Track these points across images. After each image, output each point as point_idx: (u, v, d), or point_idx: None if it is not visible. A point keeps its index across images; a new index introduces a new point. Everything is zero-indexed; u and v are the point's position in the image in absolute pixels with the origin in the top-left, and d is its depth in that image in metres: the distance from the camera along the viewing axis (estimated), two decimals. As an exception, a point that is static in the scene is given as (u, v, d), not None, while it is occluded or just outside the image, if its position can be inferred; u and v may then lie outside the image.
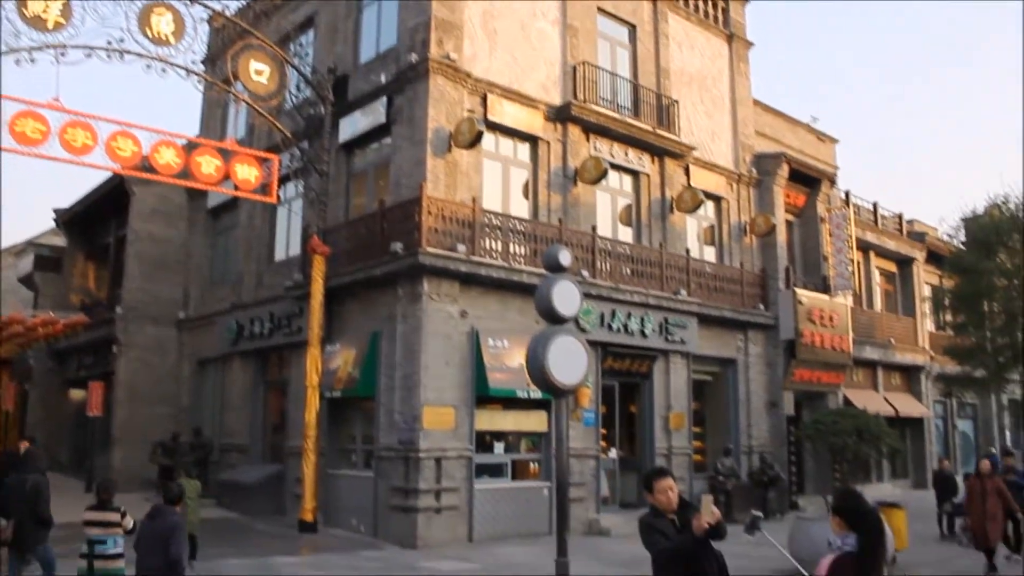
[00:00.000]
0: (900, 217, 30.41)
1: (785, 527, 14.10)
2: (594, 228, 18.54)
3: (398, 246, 15.51)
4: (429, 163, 16.23)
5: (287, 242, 20.81)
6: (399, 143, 17.16)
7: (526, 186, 18.44)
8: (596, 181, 18.78)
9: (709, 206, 22.18)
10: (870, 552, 4.27)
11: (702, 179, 21.70)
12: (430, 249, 15.22)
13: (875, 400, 25.62)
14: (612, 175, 19.76)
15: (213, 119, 24.77)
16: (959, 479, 19.36)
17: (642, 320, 18.80)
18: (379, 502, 15.67)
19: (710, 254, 22.18)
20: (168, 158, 15.76)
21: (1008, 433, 34.93)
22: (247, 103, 17.41)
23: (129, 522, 8.83)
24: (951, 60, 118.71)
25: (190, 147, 16.75)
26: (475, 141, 16.35)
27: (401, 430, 15.39)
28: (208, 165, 16.38)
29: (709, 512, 5.56)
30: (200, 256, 24.65)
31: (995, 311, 23.19)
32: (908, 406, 27.70)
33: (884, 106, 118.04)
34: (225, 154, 16.79)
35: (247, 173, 16.92)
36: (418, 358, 15.28)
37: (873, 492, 23.00)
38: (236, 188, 17.25)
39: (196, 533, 12.12)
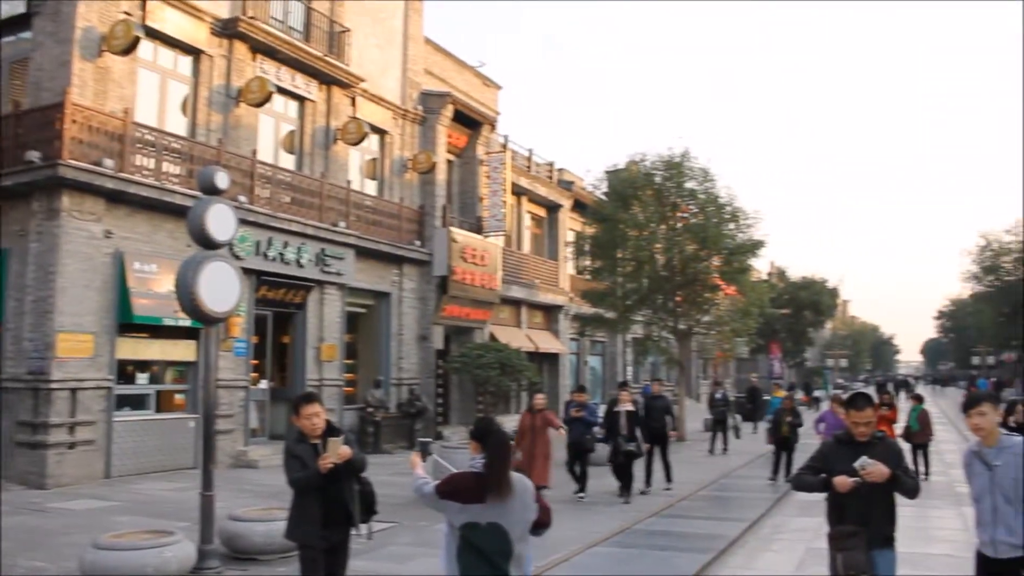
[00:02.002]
0: (551, 166, 32.25)
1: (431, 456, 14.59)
2: (255, 152, 17.84)
3: (35, 155, 13.93)
4: (76, 66, 14.65)
5: None
6: (41, 39, 15.25)
7: (185, 102, 17.29)
8: (260, 103, 18.04)
9: (373, 139, 22.17)
10: (493, 468, 4.51)
11: (368, 111, 21.60)
12: (72, 162, 13.84)
13: (518, 336, 27.23)
14: (277, 99, 19.06)
15: None
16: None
17: (299, 250, 18.50)
18: (2, 438, 14.21)
19: (371, 188, 22.23)
20: None
21: (630, 368, 38.68)
22: None
23: None
24: (608, 26, 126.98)
25: None
26: (131, 47, 14.98)
27: (31, 359, 14.02)
28: None
29: (335, 452, 5.70)
30: None
31: (626, 259, 25.39)
32: (547, 343, 29.76)
33: (544, 59, 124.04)
34: None
35: None
36: (53, 280, 13.94)
37: (512, 423, 24.53)
38: None
39: None
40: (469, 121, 25.31)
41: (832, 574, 5.55)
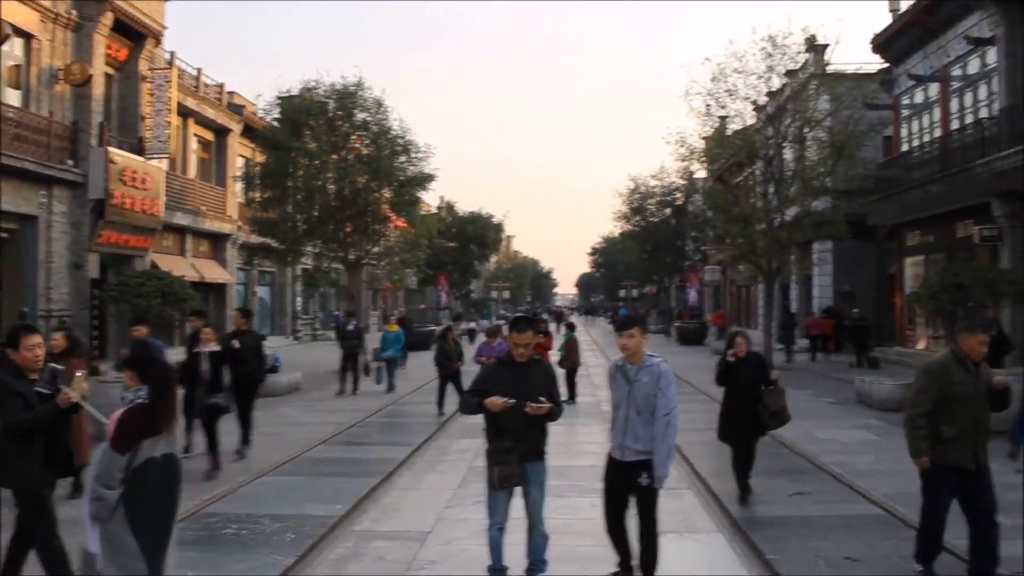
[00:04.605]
0: (222, 87, 30.78)
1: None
2: None
3: None
4: None
5: None
6: None
7: None
8: None
9: (17, 43, 19.88)
10: (160, 400, 4.41)
11: (11, 11, 19.28)
12: None
13: (182, 265, 26.06)
14: None
15: None
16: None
17: (-75, 164, 16.36)
18: None
19: (14, 98, 20.00)
20: None
21: (299, 299, 38.36)
22: None
23: None
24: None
25: None
26: None
27: None
28: None
29: (79, 387, 5.33)
30: None
31: (297, 188, 25.01)
32: (213, 272, 28.74)
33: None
34: None
35: None
36: None
37: (178, 355, 23.52)
38: None
39: None
40: (132, 32, 23.41)
41: (489, 486, 6.09)
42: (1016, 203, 18.73)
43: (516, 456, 6.00)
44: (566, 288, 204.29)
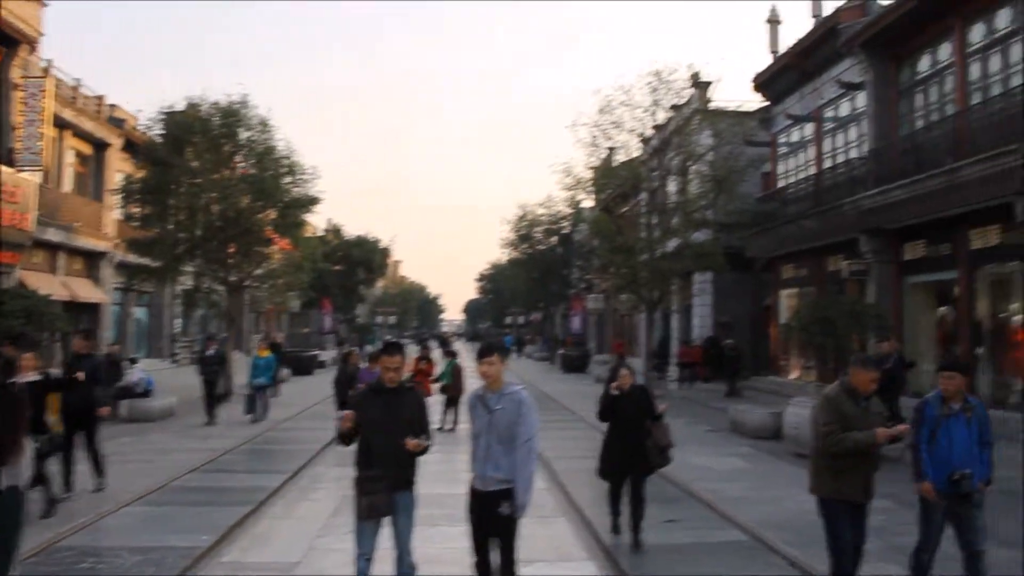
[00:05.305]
0: (101, 99, 29.77)
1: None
2: None
3: None
4: None
5: None
6: None
7: None
8: None
9: None
10: (6, 426, 4.21)
11: None
12: None
13: (52, 283, 24.96)
14: None
15: None
16: (129, 363, 20.12)
17: None
18: None
19: None
20: None
21: (178, 321, 37.23)
22: None
23: None
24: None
25: None
26: None
27: None
28: None
29: None
30: None
31: (179, 206, 24.30)
32: (87, 291, 27.64)
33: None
34: None
35: None
36: None
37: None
38: None
39: None
40: (4, 38, 22.44)
41: (356, 516, 6.00)
42: (881, 240, 19.65)
43: (384, 485, 5.93)
44: (453, 314, 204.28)
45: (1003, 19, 16.85)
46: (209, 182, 24.07)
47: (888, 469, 6.52)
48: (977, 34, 17.68)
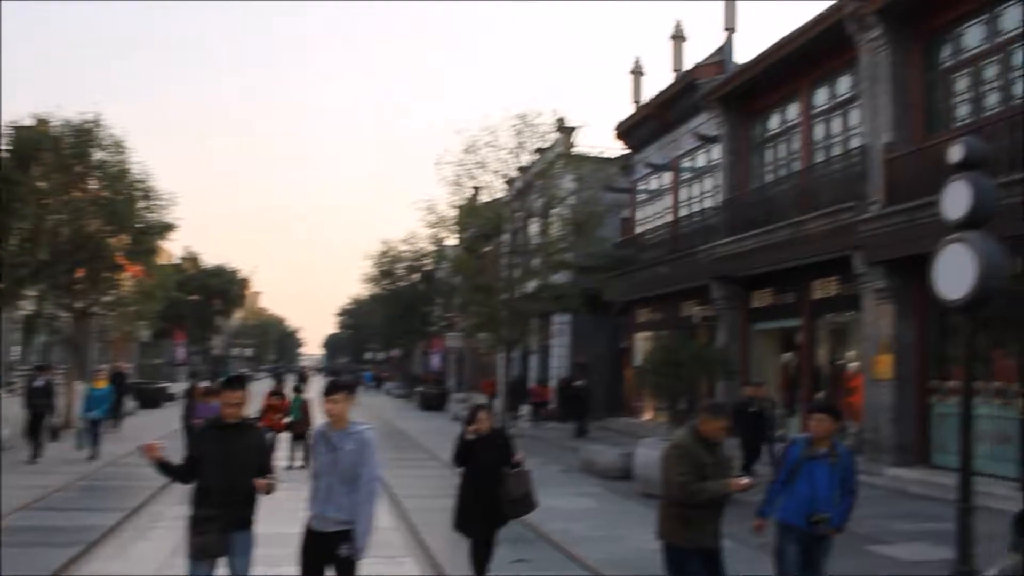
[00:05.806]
0: (-61, 111, 28.08)
1: None
2: None
3: None
4: None
5: None
6: None
7: None
8: None
9: None
10: None
11: None
12: None
13: None
14: None
15: None
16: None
17: None
18: None
19: None
20: None
21: (16, 348, 35.21)
22: None
23: None
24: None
25: None
26: None
27: None
28: None
29: None
30: None
31: (23, 227, 23.06)
32: (-88, 313, 25.81)
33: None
34: None
35: None
36: None
37: None
38: None
39: None
40: None
41: (189, 556, 5.76)
42: (731, 287, 20.45)
43: (218, 525, 5.71)
44: (313, 348, 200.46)
45: (844, 85, 17.97)
46: (57, 203, 22.95)
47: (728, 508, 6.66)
48: (821, 97, 18.78)
